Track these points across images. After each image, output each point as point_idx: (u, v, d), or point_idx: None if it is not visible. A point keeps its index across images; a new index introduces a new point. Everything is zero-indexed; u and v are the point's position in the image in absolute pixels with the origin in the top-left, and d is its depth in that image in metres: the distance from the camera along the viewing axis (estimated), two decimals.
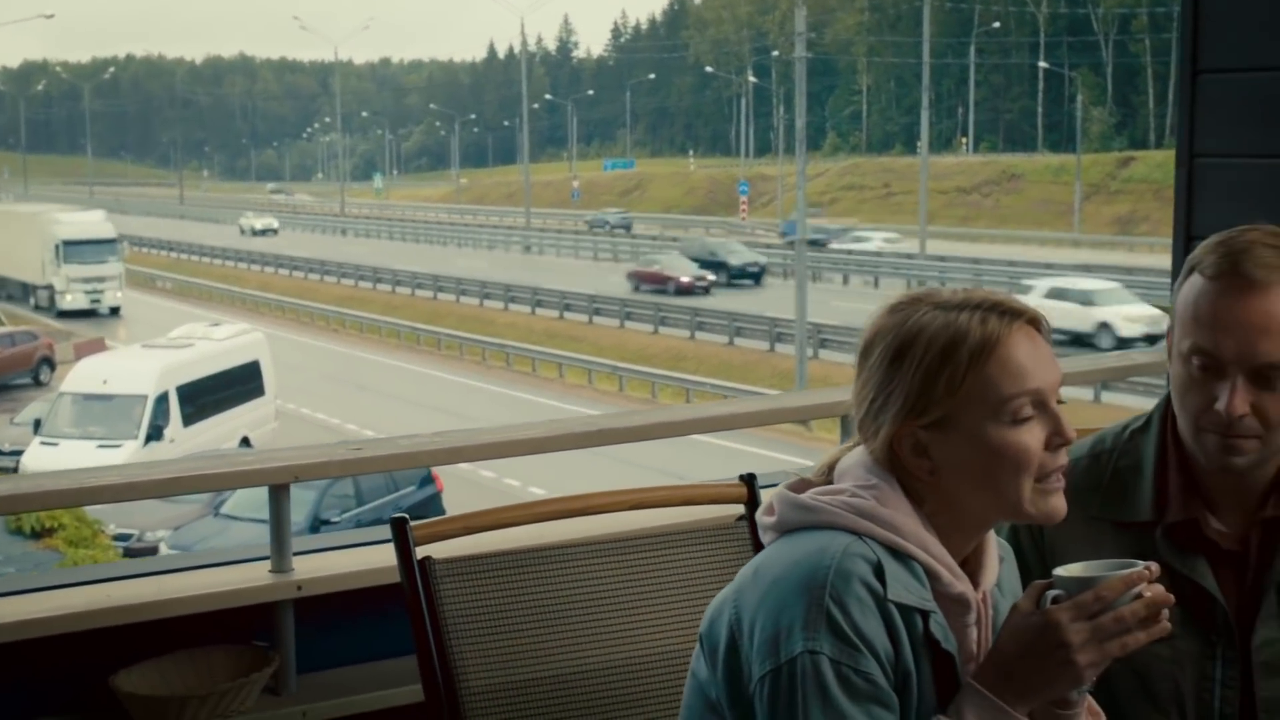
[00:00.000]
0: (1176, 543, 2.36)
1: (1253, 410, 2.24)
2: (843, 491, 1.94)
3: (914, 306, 1.94)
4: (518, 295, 44.32)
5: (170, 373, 24.06)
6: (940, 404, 1.89)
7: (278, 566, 3.16)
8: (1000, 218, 70.00)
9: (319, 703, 3.17)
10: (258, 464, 3.14)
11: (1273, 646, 2.34)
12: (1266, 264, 2.23)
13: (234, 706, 3.04)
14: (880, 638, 1.84)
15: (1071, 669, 1.84)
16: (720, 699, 1.92)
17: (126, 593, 3.10)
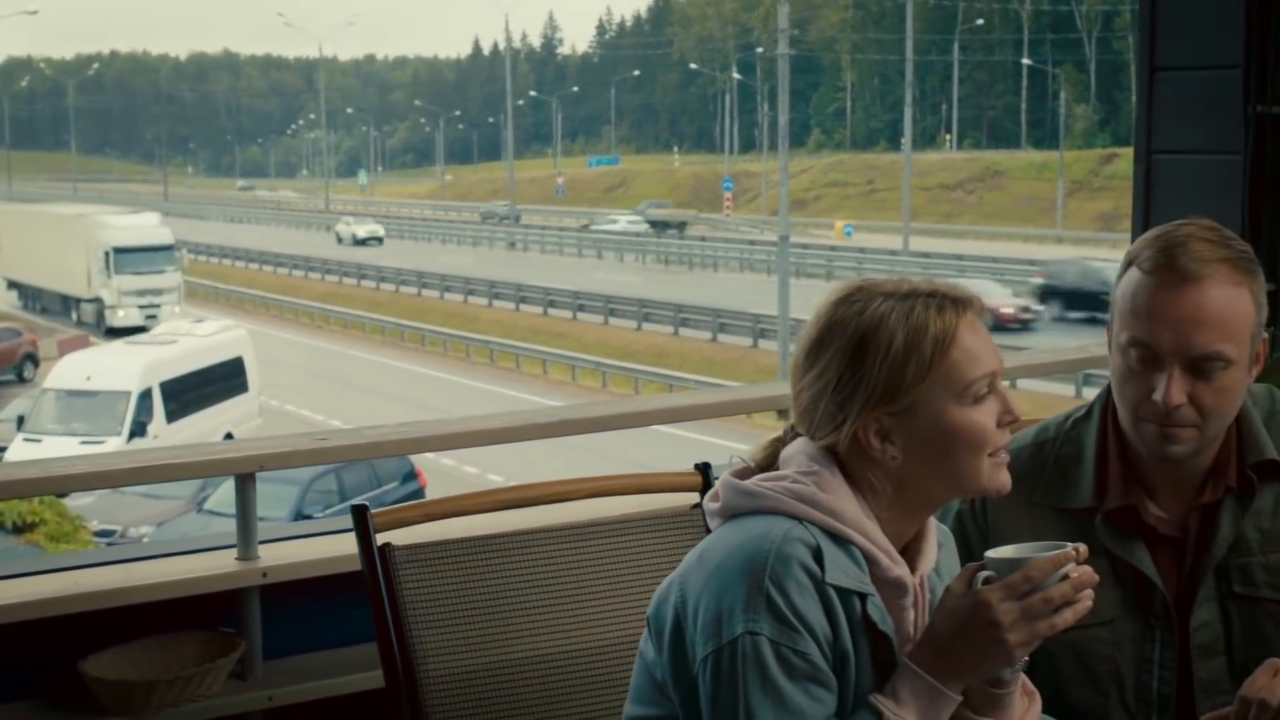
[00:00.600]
0: (1116, 528, 2.44)
1: (1189, 400, 2.31)
2: (785, 478, 2.01)
3: (865, 298, 2.01)
4: (502, 291, 44.35)
5: (153, 369, 24.06)
6: (908, 391, 1.97)
7: (244, 554, 3.24)
8: (984, 214, 70.14)
9: (284, 688, 3.26)
10: (225, 453, 3.22)
11: (1210, 629, 2.42)
12: (1202, 258, 2.30)
13: (200, 691, 3.12)
14: (818, 619, 1.91)
15: (1002, 648, 1.90)
16: (666, 679, 1.99)
17: (95, 580, 3.17)
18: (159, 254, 42.31)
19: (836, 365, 1.98)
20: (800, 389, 2.03)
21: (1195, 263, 2.29)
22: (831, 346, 1.99)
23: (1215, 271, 2.29)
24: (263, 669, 3.28)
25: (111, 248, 40.82)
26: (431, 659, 2.43)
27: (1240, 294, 2.31)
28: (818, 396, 2.00)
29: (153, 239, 42.68)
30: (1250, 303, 2.32)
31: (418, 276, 48.17)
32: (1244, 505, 2.42)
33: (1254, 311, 2.33)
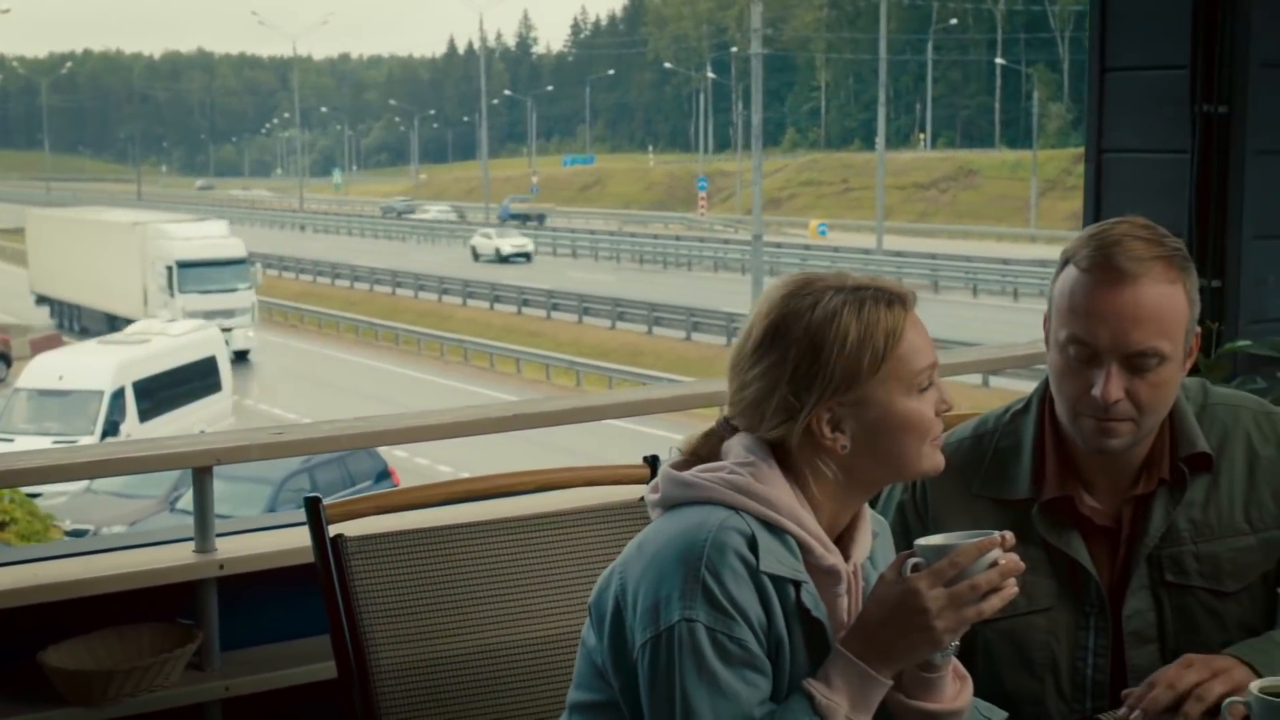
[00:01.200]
0: (1052, 519, 2.50)
1: (1126, 395, 2.37)
2: (722, 469, 2.06)
3: (814, 292, 2.07)
4: (476, 290, 44.32)
5: (126, 368, 23.99)
6: (864, 383, 2.03)
7: (201, 546, 3.28)
8: (957, 213, 70.29)
9: (241, 678, 3.30)
10: (181, 447, 3.26)
11: (1142, 616, 2.48)
12: (1137, 256, 2.36)
13: (158, 681, 3.16)
14: (753, 606, 1.96)
15: (930, 633, 1.95)
16: (606, 665, 2.04)
17: (55, 572, 3.22)
18: (230, 269, 36.24)
19: (793, 358, 2.03)
20: (747, 381, 2.07)
21: (1131, 261, 2.35)
22: (786, 340, 2.04)
23: (1150, 270, 2.35)
24: (220, 659, 3.32)
25: (175, 261, 35.23)
26: (383, 649, 2.47)
27: (1174, 291, 2.37)
28: (770, 389, 2.04)
29: (223, 251, 36.69)
30: (1184, 299, 2.39)
31: (392, 275, 48.11)
32: (1176, 496, 2.48)
33: (1188, 307, 2.40)
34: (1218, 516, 2.50)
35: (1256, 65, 4.38)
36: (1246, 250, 4.44)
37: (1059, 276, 2.44)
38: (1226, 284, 4.43)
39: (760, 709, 1.96)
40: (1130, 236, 2.40)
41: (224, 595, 3.33)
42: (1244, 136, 4.39)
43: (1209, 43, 4.36)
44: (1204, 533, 2.49)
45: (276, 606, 3.35)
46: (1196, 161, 4.42)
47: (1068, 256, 2.45)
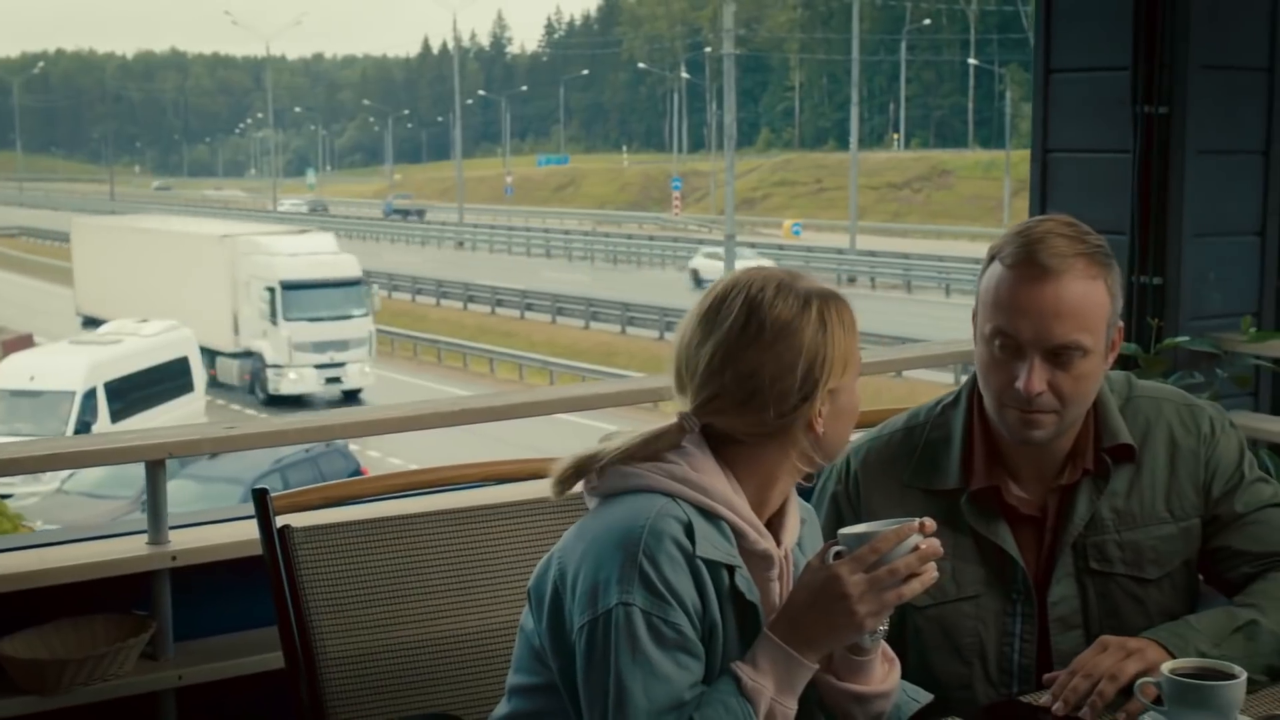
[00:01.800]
0: (980, 508, 2.57)
1: (1049, 387, 2.45)
2: (660, 459, 2.13)
3: (793, 291, 2.13)
4: (449, 290, 44.28)
5: (98, 368, 23.91)
6: (849, 368, 2.14)
7: (154, 539, 3.33)
8: (931, 213, 70.45)
9: (194, 667, 3.35)
10: (135, 441, 3.31)
11: (1067, 603, 2.55)
12: (1060, 253, 2.43)
13: (112, 670, 3.21)
14: (689, 592, 2.02)
15: (853, 618, 2.02)
16: (545, 648, 2.10)
17: (10, 563, 3.26)
18: (343, 292, 30.54)
19: (801, 348, 2.09)
20: (748, 372, 2.10)
21: (1053, 258, 2.42)
22: (784, 329, 2.10)
23: (1072, 266, 2.42)
24: (173, 649, 3.37)
25: (279, 282, 29.24)
26: (329, 639, 2.52)
27: (1096, 286, 2.45)
28: (782, 375, 2.09)
29: (334, 270, 30.90)
30: (1105, 294, 2.46)
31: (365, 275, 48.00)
32: (1099, 486, 2.56)
33: (1109, 302, 2.47)
34: (1140, 505, 2.57)
35: (1196, 67, 4.48)
36: (1187, 248, 4.54)
37: (985, 272, 2.52)
38: (1167, 281, 4.53)
39: (692, 691, 2.02)
40: (1054, 234, 2.46)
41: (177, 586, 3.37)
42: (1184, 136, 4.49)
43: (1150, 45, 4.47)
44: (1127, 521, 2.56)
45: (229, 597, 3.41)
46: (1138, 161, 4.52)
47: (994, 253, 2.52)
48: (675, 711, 2.00)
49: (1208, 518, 2.60)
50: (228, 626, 3.45)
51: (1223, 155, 4.62)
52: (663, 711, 1.99)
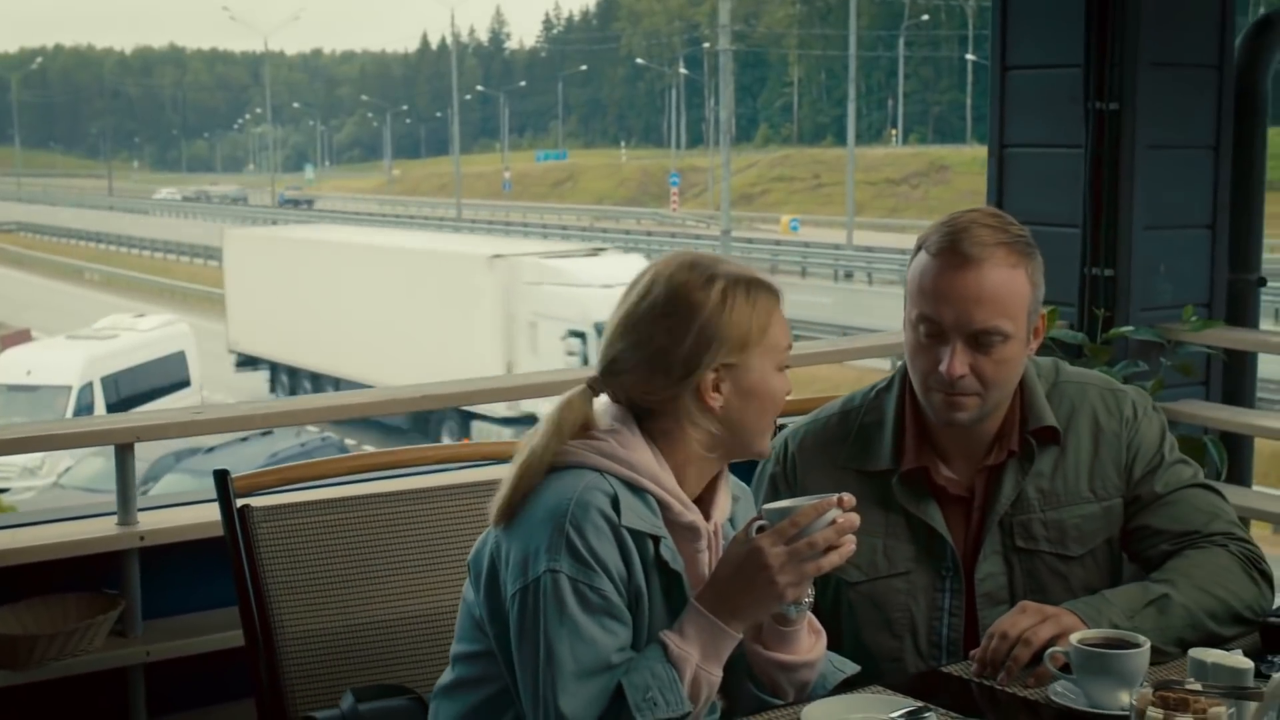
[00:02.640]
0: (911, 489, 2.68)
1: (971, 371, 2.56)
2: (591, 436, 2.25)
3: (707, 270, 2.26)
4: None
5: (95, 363, 23.96)
6: (749, 347, 2.24)
7: (123, 519, 3.45)
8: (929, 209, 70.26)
9: (162, 643, 3.47)
10: (103, 425, 3.44)
11: (994, 579, 2.66)
12: (982, 242, 2.54)
13: (82, 646, 3.32)
14: (614, 560, 2.14)
15: (774, 588, 2.13)
16: (483, 617, 2.22)
17: None
18: None
19: (698, 319, 2.22)
20: (641, 340, 2.24)
21: (975, 247, 2.54)
22: (686, 302, 2.23)
23: (993, 255, 2.54)
24: (142, 627, 3.49)
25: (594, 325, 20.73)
26: (288, 618, 2.62)
27: (1016, 274, 2.56)
28: (669, 346, 2.22)
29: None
30: (1026, 282, 2.57)
31: None
32: (1025, 467, 2.67)
33: (1029, 290, 2.58)
34: (1064, 486, 2.68)
35: (1145, 64, 4.60)
36: (1137, 240, 4.66)
37: (913, 261, 2.63)
38: (1118, 272, 4.65)
39: (619, 655, 2.13)
40: (977, 224, 2.58)
41: (146, 566, 3.49)
42: (1134, 131, 4.61)
43: (1101, 43, 4.59)
44: (1051, 501, 2.67)
45: (196, 577, 3.52)
46: (1090, 155, 4.63)
47: (921, 242, 2.63)
48: (602, 674, 2.11)
49: (1129, 498, 2.70)
50: (195, 606, 3.56)
51: (1173, 150, 4.74)
52: (589, 673, 2.11)
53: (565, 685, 2.10)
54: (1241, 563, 2.63)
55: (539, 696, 2.12)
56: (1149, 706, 2.00)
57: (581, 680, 2.11)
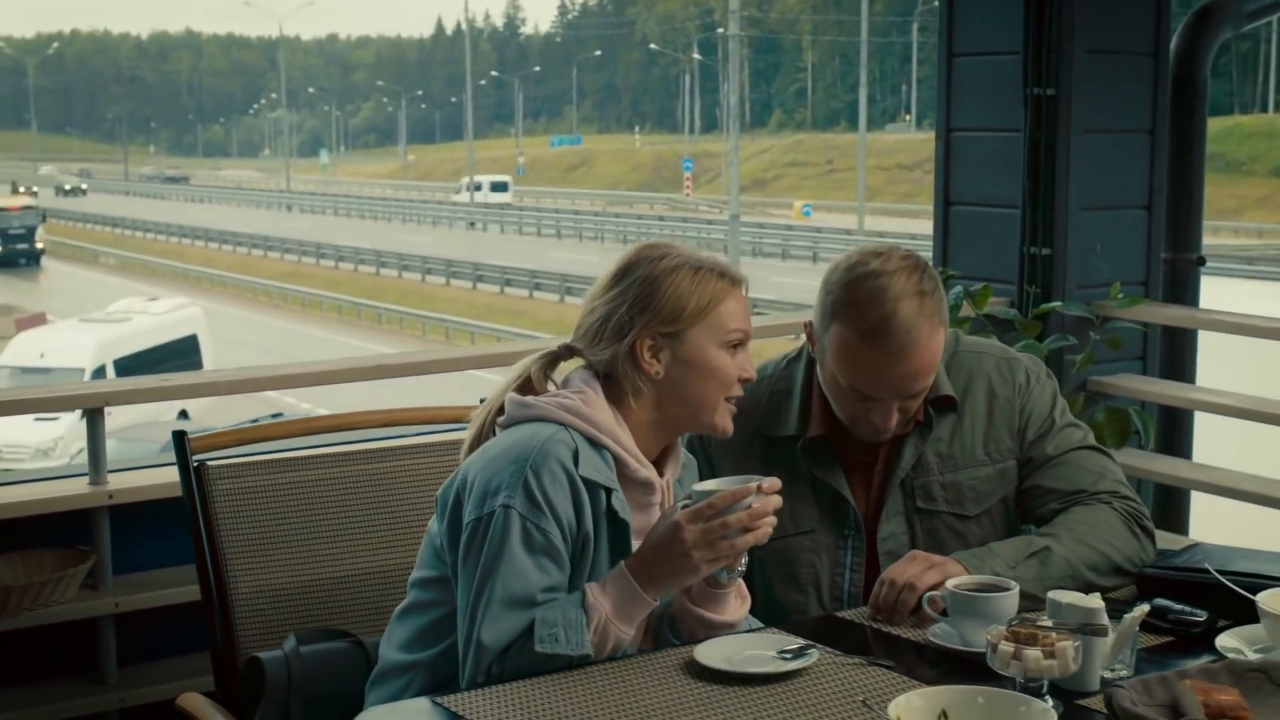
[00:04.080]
0: (816, 453, 2.87)
1: (898, 411, 2.75)
2: (559, 395, 2.50)
3: (666, 251, 2.52)
4: (459, 270, 44.47)
5: (107, 346, 24.09)
6: (683, 319, 2.47)
7: (94, 480, 3.65)
8: None
9: (130, 595, 3.68)
10: (75, 391, 3.64)
11: (896, 538, 2.85)
12: (909, 327, 2.67)
13: (55, 598, 3.53)
14: (565, 507, 2.38)
15: (688, 562, 2.35)
16: (444, 544, 2.46)
17: None
18: None
19: (635, 289, 2.48)
20: (595, 308, 2.52)
21: (906, 332, 2.66)
22: (633, 277, 2.49)
23: (921, 333, 2.67)
24: (112, 581, 3.70)
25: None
26: (241, 575, 2.79)
27: (938, 336, 2.72)
28: (612, 312, 2.49)
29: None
30: (943, 331, 2.74)
31: (376, 255, 48.24)
32: (924, 434, 2.85)
33: (945, 333, 2.75)
34: (961, 450, 2.86)
35: (1081, 51, 4.77)
36: (1073, 221, 4.84)
37: (830, 327, 2.73)
38: (1055, 251, 4.83)
39: (545, 595, 2.36)
40: (901, 299, 2.66)
41: (117, 525, 3.70)
42: (1070, 116, 4.79)
43: (1039, 30, 4.76)
44: (949, 464, 2.85)
45: (163, 535, 3.69)
46: (1028, 139, 4.82)
47: (837, 310, 2.71)
48: (526, 607, 2.34)
49: (1022, 459, 2.88)
50: (162, 562, 3.76)
51: (1109, 134, 4.90)
52: (514, 602, 2.34)
53: (492, 611, 2.33)
54: (1124, 518, 2.79)
55: (469, 619, 2.36)
56: (1002, 640, 2.20)
57: (506, 608, 2.34)
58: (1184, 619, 2.55)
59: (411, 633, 2.51)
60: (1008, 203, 4.84)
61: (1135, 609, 2.37)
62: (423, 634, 2.49)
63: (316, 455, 2.95)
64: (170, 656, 3.74)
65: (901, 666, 2.39)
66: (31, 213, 52.81)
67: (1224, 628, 2.47)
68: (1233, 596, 2.49)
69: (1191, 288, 5.32)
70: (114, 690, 3.72)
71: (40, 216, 53.22)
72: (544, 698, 2.24)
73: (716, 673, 2.32)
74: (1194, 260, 5.33)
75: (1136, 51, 4.91)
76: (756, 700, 2.23)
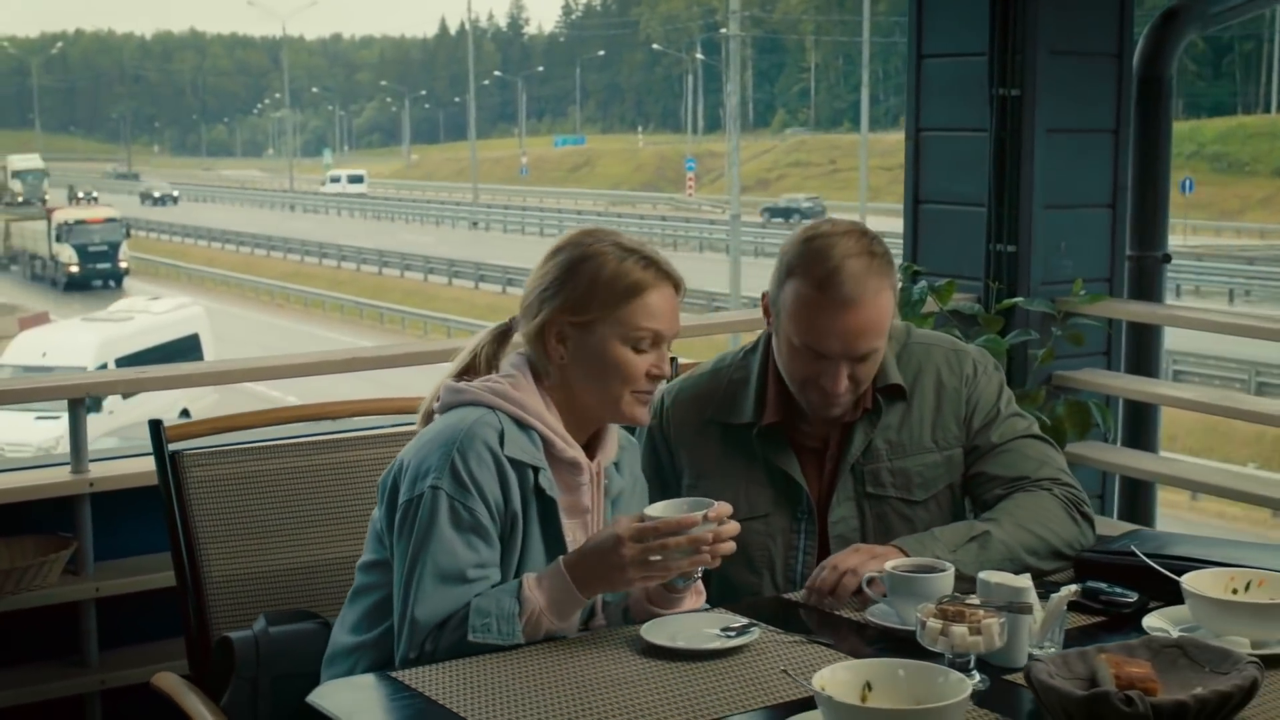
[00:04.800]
0: (771, 440, 2.98)
1: (848, 378, 2.85)
2: (490, 379, 2.61)
3: (598, 238, 2.61)
4: (461, 270, 44.54)
5: (109, 345, 24.14)
6: (591, 311, 2.56)
7: (76, 468, 3.77)
8: None
9: (110, 581, 3.80)
10: (58, 382, 3.76)
11: (846, 522, 2.96)
12: (856, 278, 2.79)
13: (37, 581, 3.65)
14: (492, 487, 2.49)
15: (622, 575, 2.45)
16: (384, 528, 2.58)
17: None
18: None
19: (555, 272, 2.58)
20: (530, 288, 2.62)
21: (852, 286, 2.78)
22: (560, 257, 2.60)
23: (866, 289, 2.79)
24: (93, 566, 3.82)
25: None
26: (215, 559, 2.90)
27: (885, 297, 2.83)
28: (534, 289, 2.60)
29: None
30: (891, 296, 2.86)
31: (378, 255, 48.31)
32: (874, 421, 2.96)
33: (893, 298, 2.87)
34: (909, 437, 2.97)
35: (1045, 53, 4.88)
36: (1037, 218, 4.94)
37: (785, 285, 2.86)
38: (1020, 249, 4.94)
39: (475, 571, 2.48)
40: (848, 258, 2.80)
41: (98, 512, 3.82)
42: (1034, 116, 4.90)
43: (1004, 32, 4.86)
44: (898, 451, 2.96)
45: (143, 523, 3.78)
46: (994, 139, 4.92)
47: (790, 269, 2.85)
48: (458, 583, 2.46)
49: (968, 447, 2.99)
50: (142, 549, 3.88)
51: (1073, 134, 5.01)
52: (445, 578, 2.45)
53: (425, 588, 2.45)
54: (1064, 504, 2.91)
55: (403, 597, 2.47)
56: (930, 618, 2.30)
57: (438, 584, 2.45)
58: (1115, 600, 2.66)
59: (358, 615, 2.62)
60: (975, 201, 4.95)
61: (1063, 589, 2.47)
62: (368, 616, 2.60)
63: (288, 444, 3.06)
64: (149, 640, 3.85)
65: (840, 644, 2.49)
66: (115, 225, 44.75)
67: (1155, 609, 2.57)
68: (1164, 579, 2.58)
69: (1158, 284, 5.43)
70: (94, 672, 3.85)
71: (124, 230, 45.50)
72: (494, 672, 2.34)
73: (661, 649, 2.42)
74: (1159, 257, 5.43)
75: (1100, 53, 5.01)
76: (696, 674, 2.34)
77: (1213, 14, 5.43)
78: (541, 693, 2.26)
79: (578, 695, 2.26)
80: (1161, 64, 5.33)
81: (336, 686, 2.41)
